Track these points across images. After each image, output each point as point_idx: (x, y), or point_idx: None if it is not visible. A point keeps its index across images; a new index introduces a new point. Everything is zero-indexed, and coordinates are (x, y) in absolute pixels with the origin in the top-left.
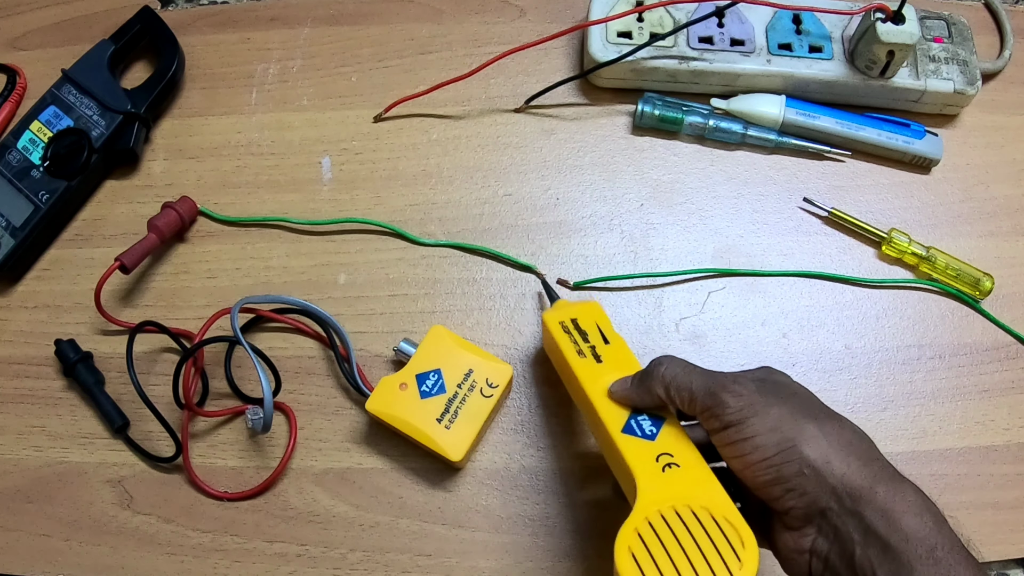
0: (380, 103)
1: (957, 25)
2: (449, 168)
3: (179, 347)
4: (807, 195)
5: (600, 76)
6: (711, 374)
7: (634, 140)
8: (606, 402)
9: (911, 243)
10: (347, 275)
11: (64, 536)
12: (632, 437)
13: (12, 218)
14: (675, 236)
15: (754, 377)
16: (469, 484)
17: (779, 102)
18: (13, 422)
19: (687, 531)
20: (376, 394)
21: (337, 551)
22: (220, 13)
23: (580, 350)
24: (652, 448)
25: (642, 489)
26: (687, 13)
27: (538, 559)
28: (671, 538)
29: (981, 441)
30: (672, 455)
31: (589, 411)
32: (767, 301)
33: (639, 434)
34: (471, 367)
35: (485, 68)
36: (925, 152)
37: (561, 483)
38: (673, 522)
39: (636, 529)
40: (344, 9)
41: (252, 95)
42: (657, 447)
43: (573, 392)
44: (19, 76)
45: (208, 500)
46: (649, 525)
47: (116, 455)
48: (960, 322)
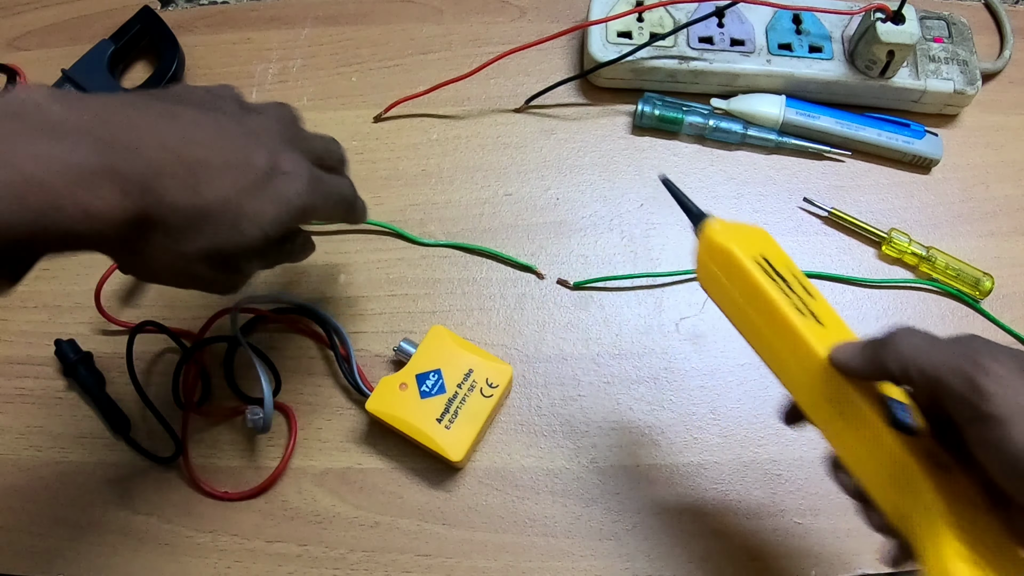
0: (380, 103)
1: (957, 25)
2: (449, 168)
3: (179, 347)
4: (807, 195)
5: (600, 76)
6: (958, 347)
7: (634, 140)
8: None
9: (911, 243)
10: (347, 275)
11: (64, 536)
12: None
13: None
14: (675, 236)
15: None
16: (469, 484)
17: (779, 102)
18: (13, 422)
19: None
20: (376, 394)
21: (337, 551)
22: (220, 13)
23: (797, 306)
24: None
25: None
26: (687, 13)
27: (538, 559)
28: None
29: None
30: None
31: (819, 390)
32: None
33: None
34: (471, 367)
35: (485, 68)
36: (925, 152)
37: (561, 483)
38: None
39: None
40: (344, 9)
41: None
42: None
43: (784, 362)
44: (19, 76)
45: (208, 500)
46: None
47: (116, 455)
48: (960, 322)
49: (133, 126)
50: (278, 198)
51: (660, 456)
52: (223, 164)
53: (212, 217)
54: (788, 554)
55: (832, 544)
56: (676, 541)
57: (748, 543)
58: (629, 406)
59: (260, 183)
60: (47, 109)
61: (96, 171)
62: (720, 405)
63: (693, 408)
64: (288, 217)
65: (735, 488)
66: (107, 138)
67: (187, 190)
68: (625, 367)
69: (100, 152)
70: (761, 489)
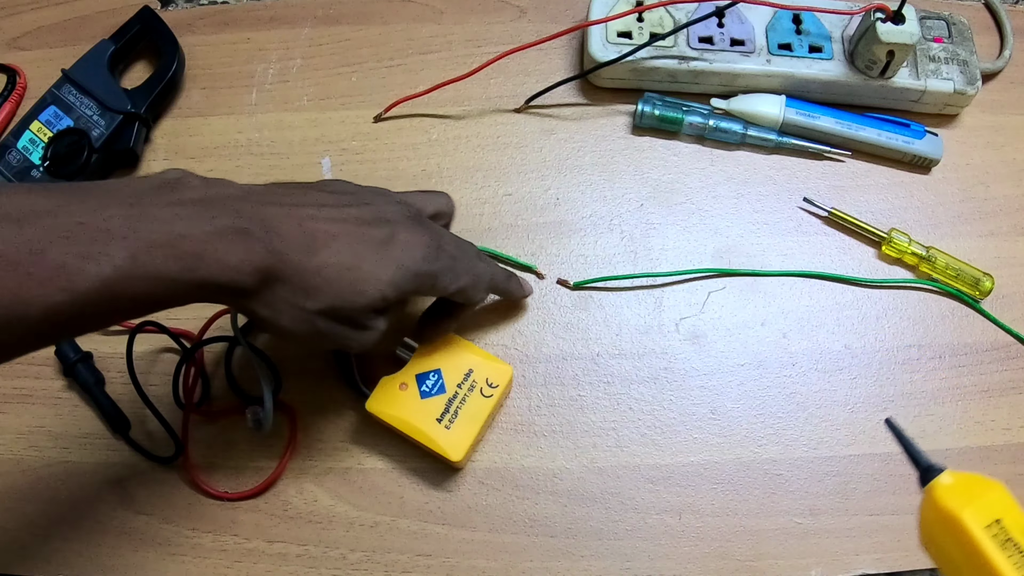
0: (380, 103)
1: (957, 25)
2: (449, 168)
3: (179, 347)
4: (807, 195)
5: (600, 76)
6: None
7: (634, 140)
8: None
9: (911, 243)
10: None
11: (64, 536)
12: None
13: None
14: (675, 236)
15: None
16: (469, 484)
17: (779, 102)
18: (13, 422)
19: None
20: (376, 394)
21: (337, 551)
22: (220, 13)
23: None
24: None
25: None
26: (687, 13)
27: (538, 559)
28: None
29: (981, 441)
30: None
31: None
32: (767, 301)
33: None
34: (471, 367)
35: (485, 68)
36: (925, 152)
37: (561, 483)
38: None
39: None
40: (344, 9)
41: (252, 95)
42: None
43: None
44: (19, 76)
45: (208, 500)
46: None
47: (116, 455)
48: (960, 322)
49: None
50: (396, 263)
51: (660, 456)
52: (340, 234)
53: (330, 278)
54: (788, 554)
55: (832, 544)
56: (676, 541)
57: (748, 543)
58: (629, 406)
59: (378, 249)
60: (194, 183)
61: (230, 231)
62: (720, 405)
63: (693, 408)
64: (406, 282)
65: (735, 488)
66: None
67: (307, 253)
68: (625, 367)
69: (234, 218)
70: (761, 489)
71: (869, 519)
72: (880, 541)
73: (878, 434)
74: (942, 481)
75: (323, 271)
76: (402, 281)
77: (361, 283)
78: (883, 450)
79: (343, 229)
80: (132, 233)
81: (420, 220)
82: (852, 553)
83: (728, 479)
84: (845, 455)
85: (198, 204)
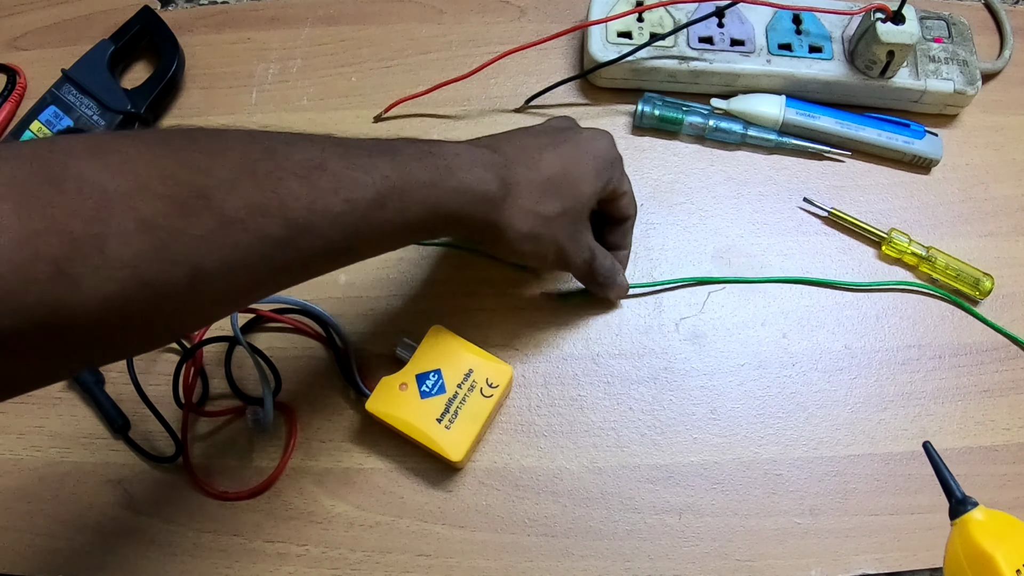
0: (380, 103)
1: (957, 25)
2: None
3: (179, 347)
4: (807, 195)
5: (600, 76)
6: None
7: (634, 140)
8: None
9: (911, 243)
10: (347, 275)
11: (64, 536)
12: None
13: None
14: (675, 236)
15: None
16: (469, 484)
17: (779, 102)
18: (13, 422)
19: None
20: (376, 394)
21: (337, 551)
22: (220, 13)
23: None
24: None
25: None
26: (687, 13)
27: (538, 559)
28: None
29: (981, 441)
30: None
31: None
32: (767, 301)
33: None
34: (471, 367)
35: (485, 68)
36: (925, 152)
37: (561, 483)
38: None
39: None
40: (344, 9)
41: (252, 95)
42: None
43: None
44: (19, 76)
45: (208, 500)
46: None
47: (116, 455)
48: (960, 322)
49: (499, 139)
50: (592, 156)
51: (660, 456)
52: (545, 145)
53: (556, 183)
54: (788, 554)
55: (832, 544)
56: (676, 541)
57: (748, 543)
58: (629, 406)
59: (577, 149)
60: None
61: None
62: (720, 405)
63: (693, 408)
64: (604, 168)
65: (735, 488)
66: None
67: (530, 167)
68: (625, 367)
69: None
70: (761, 489)
71: (869, 519)
72: (880, 541)
73: (878, 434)
74: (975, 516)
75: (548, 180)
76: (602, 170)
77: (579, 183)
78: (883, 450)
79: (546, 142)
80: (393, 154)
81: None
82: (852, 553)
83: (728, 479)
84: (845, 455)
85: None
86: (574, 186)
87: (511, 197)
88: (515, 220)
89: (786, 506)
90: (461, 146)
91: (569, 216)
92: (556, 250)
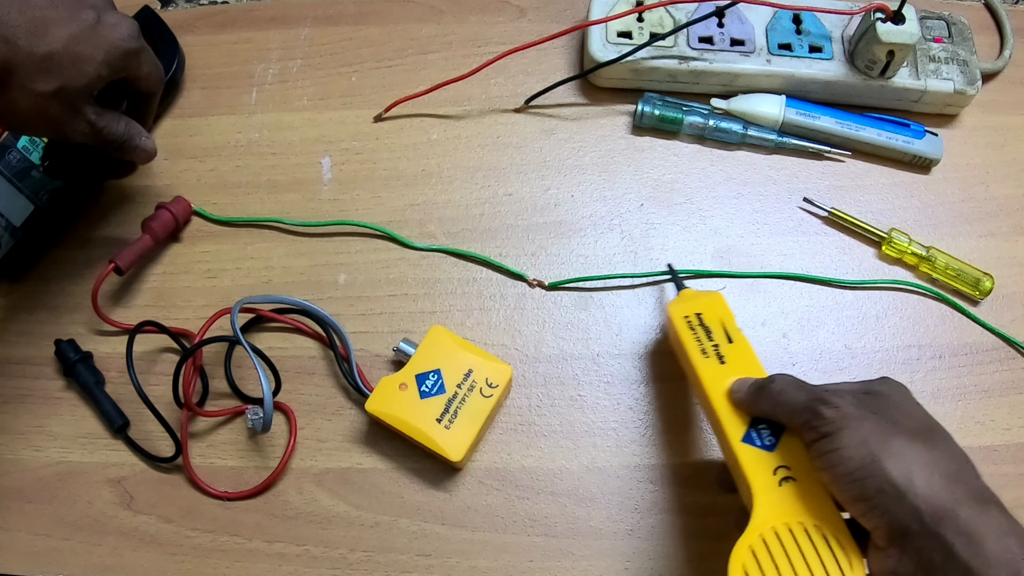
0: (380, 103)
1: (957, 25)
2: (449, 168)
3: (179, 347)
4: (807, 195)
5: (600, 76)
6: (815, 388)
7: (634, 140)
8: (727, 407)
9: (911, 243)
10: (347, 275)
11: (64, 536)
12: (751, 447)
13: (12, 218)
14: (675, 236)
15: (861, 389)
16: (469, 484)
17: (779, 102)
18: (13, 422)
19: (799, 551)
20: (376, 394)
21: (337, 551)
22: (220, 13)
23: (704, 348)
24: (770, 460)
25: (758, 502)
26: (687, 13)
27: (538, 559)
28: (783, 558)
29: (981, 441)
30: (789, 468)
31: (710, 413)
32: (767, 301)
33: (758, 444)
34: (471, 367)
35: (485, 68)
36: (925, 152)
37: (561, 483)
38: (786, 540)
39: (751, 546)
40: (344, 9)
41: (252, 95)
42: (775, 459)
43: (695, 390)
44: None
45: (208, 500)
46: (763, 543)
47: (116, 455)
48: (960, 322)
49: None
50: (107, 43)
51: (660, 456)
52: (58, 19)
53: (56, 61)
54: None
55: None
56: (676, 541)
57: None
58: (629, 406)
59: (91, 31)
60: None
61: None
62: None
63: (693, 408)
64: (116, 59)
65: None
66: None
67: (35, 39)
68: (625, 367)
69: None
70: None
71: None
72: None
73: None
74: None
75: (50, 55)
76: (114, 60)
77: (81, 63)
78: None
79: (62, 15)
80: None
81: (115, 7)
82: None
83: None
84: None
85: None
86: (75, 66)
87: (9, 76)
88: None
89: None
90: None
91: (66, 93)
92: (47, 124)
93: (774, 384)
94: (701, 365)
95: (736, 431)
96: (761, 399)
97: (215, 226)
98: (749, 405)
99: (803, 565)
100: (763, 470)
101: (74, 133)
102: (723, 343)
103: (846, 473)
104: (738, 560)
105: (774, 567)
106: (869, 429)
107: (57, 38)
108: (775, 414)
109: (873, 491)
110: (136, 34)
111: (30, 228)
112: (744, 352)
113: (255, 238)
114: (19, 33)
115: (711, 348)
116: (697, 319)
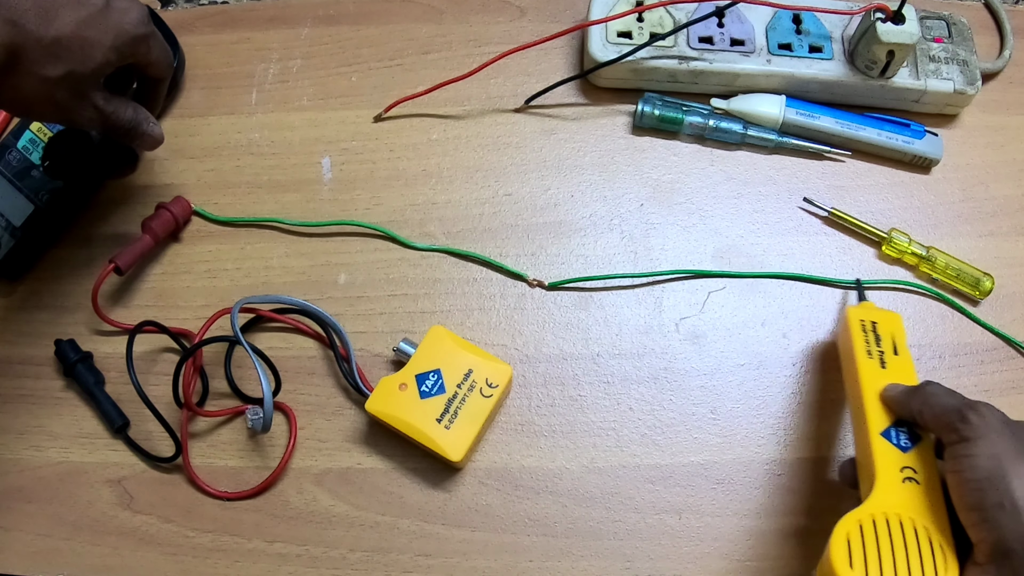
0: (380, 103)
1: (957, 25)
2: (449, 168)
3: (179, 347)
4: (807, 195)
5: (600, 76)
6: (966, 399)
7: (634, 140)
8: (876, 403)
9: (911, 243)
10: (347, 275)
11: (64, 536)
12: (887, 442)
13: (12, 218)
14: (675, 236)
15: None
16: (469, 484)
17: (779, 102)
18: (13, 422)
19: (903, 541)
20: (376, 394)
21: (337, 551)
22: (220, 13)
23: (870, 350)
24: (901, 459)
25: (878, 489)
26: (687, 13)
27: (538, 559)
28: (887, 541)
29: None
30: (916, 471)
31: (858, 406)
32: (767, 301)
33: (894, 442)
34: (471, 367)
35: (485, 68)
36: (925, 152)
37: (561, 483)
38: (894, 528)
39: (860, 521)
40: (344, 9)
41: (252, 95)
42: (905, 460)
43: (849, 386)
44: None
45: (208, 500)
46: (872, 522)
47: (116, 455)
48: (960, 322)
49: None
50: (116, 28)
51: (660, 456)
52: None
53: (65, 45)
54: (788, 554)
55: None
56: (676, 541)
57: (748, 543)
58: (629, 406)
59: (100, 16)
60: None
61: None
62: (720, 405)
63: (693, 408)
64: (125, 44)
65: (735, 488)
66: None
67: (43, 23)
68: (625, 367)
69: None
70: (761, 489)
71: None
72: None
73: None
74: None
75: (58, 39)
76: (123, 46)
77: (89, 48)
78: None
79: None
80: None
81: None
82: None
83: (728, 479)
84: (845, 455)
85: None
86: (84, 51)
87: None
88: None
89: (786, 506)
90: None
91: (73, 78)
92: (54, 109)
93: (929, 387)
94: (864, 363)
95: (878, 424)
96: (914, 399)
97: (215, 226)
98: (901, 404)
99: (902, 555)
100: (891, 465)
101: (81, 119)
102: (889, 352)
103: (973, 479)
104: (843, 529)
105: (876, 546)
106: (1006, 446)
107: (66, 22)
108: (923, 413)
109: (992, 503)
110: (146, 19)
111: (30, 228)
112: (905, 366)
113: (255, 238)
114: (28, 17)
115: (876, 352)
116: (872, 326)
